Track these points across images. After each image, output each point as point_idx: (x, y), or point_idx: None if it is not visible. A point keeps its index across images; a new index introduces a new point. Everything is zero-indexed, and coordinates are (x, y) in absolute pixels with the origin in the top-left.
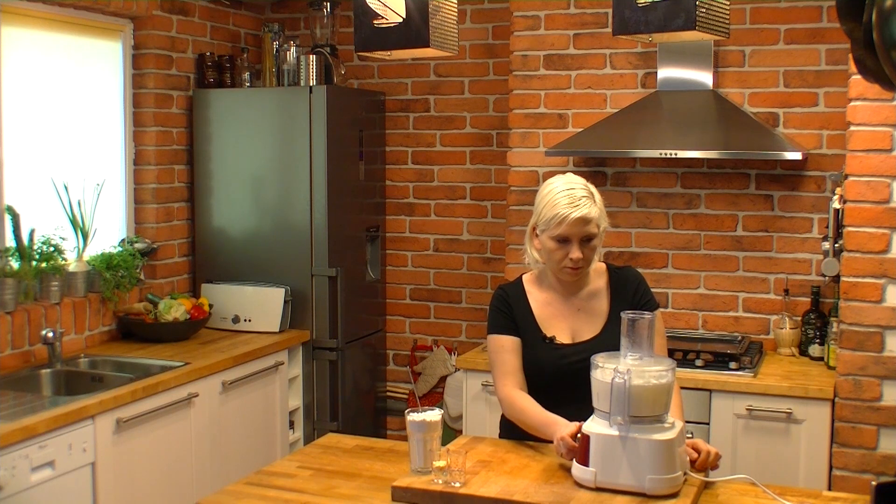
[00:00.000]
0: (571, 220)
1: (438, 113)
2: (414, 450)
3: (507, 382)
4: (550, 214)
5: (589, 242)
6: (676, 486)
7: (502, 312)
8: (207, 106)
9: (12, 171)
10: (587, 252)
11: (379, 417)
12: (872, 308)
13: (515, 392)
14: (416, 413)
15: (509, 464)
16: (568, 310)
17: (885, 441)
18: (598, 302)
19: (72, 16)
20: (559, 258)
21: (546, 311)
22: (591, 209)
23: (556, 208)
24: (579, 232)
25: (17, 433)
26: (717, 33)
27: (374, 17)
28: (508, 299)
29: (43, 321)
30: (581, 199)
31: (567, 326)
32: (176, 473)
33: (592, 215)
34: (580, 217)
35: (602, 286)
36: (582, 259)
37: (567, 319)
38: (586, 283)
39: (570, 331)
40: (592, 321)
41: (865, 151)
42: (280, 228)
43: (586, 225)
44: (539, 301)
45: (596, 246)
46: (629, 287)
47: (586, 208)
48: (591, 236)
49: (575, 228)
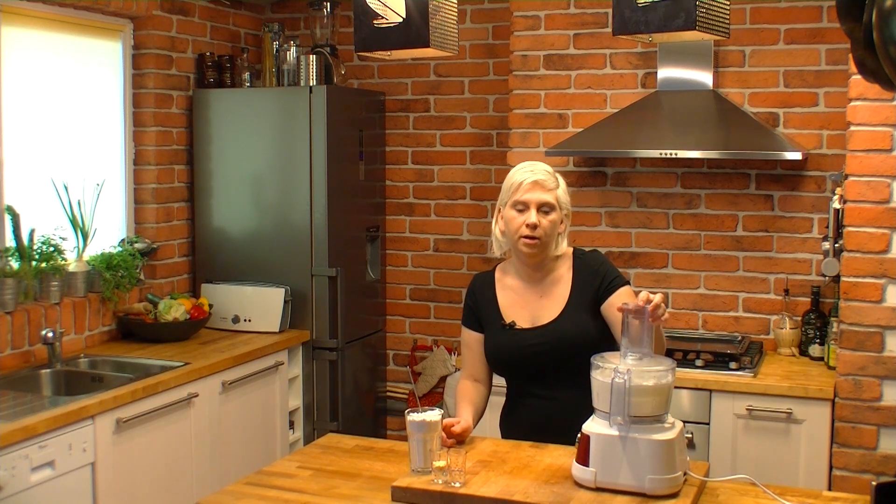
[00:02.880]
0: (527, 184)
1: (438, 113)
2: (414, 450)
3: (462, 374)
4: (508, 184)
5: (547, 214)
6: (676, 486)
7: (467, 305)
8: (207, 106)
9: (12, 171)
10: (545, 223)
11: (379, 417)
12: (872, 308)
13: (461, 384)
14: (416, 413)
15: (509, 464)
16: (531, 296)
17: (885, 441)
18: (560, 287)
19: (72, 16)
20: (517, 226)
21: (510, 298)
22: (549, 179)
23: (515, 176)
24: (536, 199)
25: (17, 433)
26: (717, 33)
27: (374, 17)
28: (475, 290)
29: (43, 321)
30: (541, 171)
31: (528, 312)
32: (176, 473)
33: (549, 185)
34: (535, 181)
35: (566, 272)
36: (539, 228)
37: (529, 305)
38: (550, 269)
39: (531, 316)
40: (553, 306)
41: (865, 151)
42: (280, 228)
43: (544, 192)
44: (505, 288)
45: (555, 221)
46: (591, 269)
47: (543, 175)
48: (548, 205)
49: (531, 194)
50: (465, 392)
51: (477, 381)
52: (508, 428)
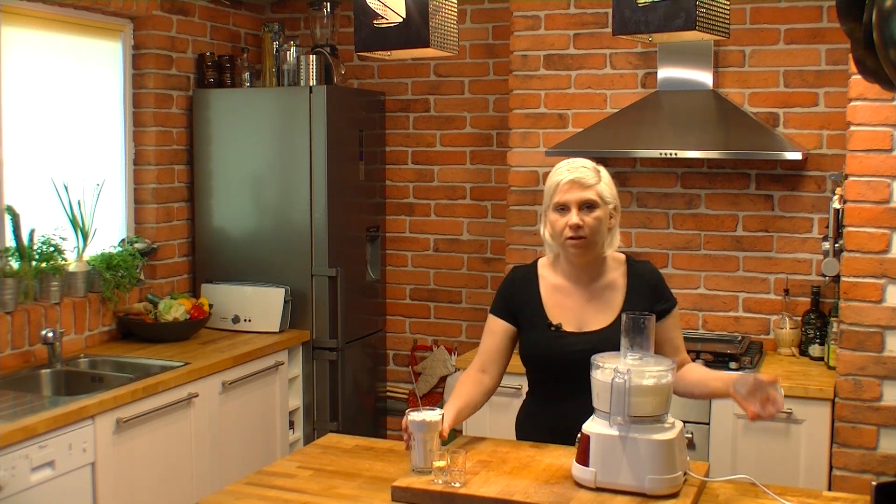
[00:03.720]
0: (565, 184)
1: (438, 113)
2: (414, 449)
3: (474, 362)
4: (548, 186)
5: (591, 211)
6: (676, 486)
7: (502, 296)
8: (207, 106)
9: (12, 171)
10: (588, 221)
11: (379, 417)
12: (872, 308)
13: (464, 374)
14: (417, 413)
15: (509, 464)
16: (579, 298)
17: (885, 441)
18: (613, 294)
19: (72, 16)
20: (561, 228)
21: (555, 298)
22: (588, 175)
23: (553, 177)
24: (577, 198)
25: (17, 433)
26: (717, 33)
27: (374, 17)
28: (515, 283)
29: (43, 321)
30: (579, 168)
31: (575, 315)
32: (176, 473)
33: (589, 181)
34: (574, 179)
35: (618, 278)
36: (582, 227)
37: (576, 308)
38: (602, 272)
39: (578, 320)
40: (603, 312)
41: (865, 151)
42: (280, 228)
43: (583, 190)
44: (549, 286)
45: (600, 217)
46: (646, 281)
47: (581, 173)
48: (590, 203)
49: (571, 194)
50: (463, 385)
51: (484, 373)
52: (530, 429)
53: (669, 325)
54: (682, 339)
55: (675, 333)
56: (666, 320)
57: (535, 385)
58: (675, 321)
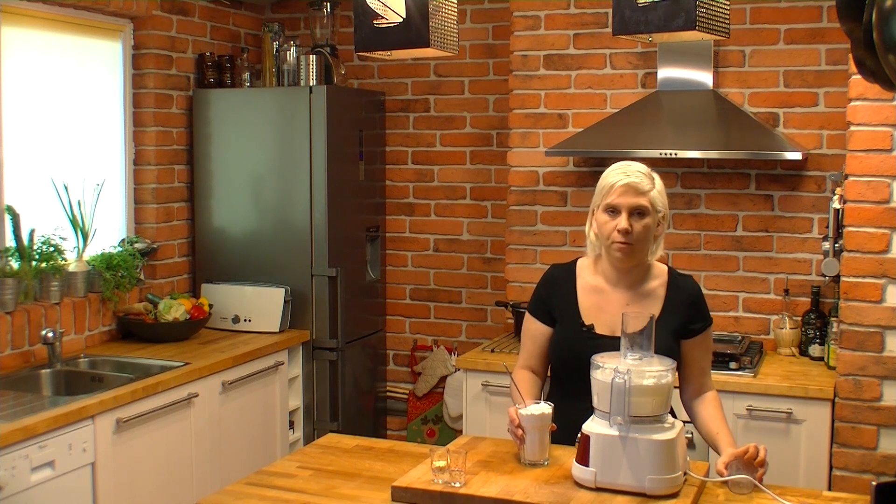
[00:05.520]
0: (619, 187)
1: (438, 113)
2: (528, 443)
3: (519, 362)
4: (601, 186)
5: (641, 218)
6: (676, 486)
7: (539, 296)
8: (207, 106)
9: (12, 171)
10: (637, 228)
11: (379, 417)
12: (872, 308)
13: (520, 373)
14: (530, 407)
15: (509, 464)
16: (616, 302)
17: (885, 441)
18: (651, 302)
19: (72, 16)
20: (609, 231)
21: (591, 299)
22: (643, 181)
23: (607, 178)
24: (629, 203)
25: (17, 433)
26: (717, 33)
27: (374, 17)
28: (552, 281)
29: (43, 321)
30: (635, 173)
31: (610, 318)
32: (176, 473)
33: (644, 187)
34: (629, 184)
35: (658, 287)
36: (631, 233)
37: (612, 311)
38: (643, 279)
39: (612, 323)
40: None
41: (865, 151)
42: (280, 228)
43: (637, 196)
44: (587, 286)
45: (649, 225)
46: (686, 295)
47: (637, 178)
48: (641, 209)
49: (624, 198)
50: (523, 382)
51: (534, 373)
52: None
53: (699, 343)
54: (710, 362)
55: (704, 355)
56: (696, 338)
57: (559, 381)
58: (708, 343)
